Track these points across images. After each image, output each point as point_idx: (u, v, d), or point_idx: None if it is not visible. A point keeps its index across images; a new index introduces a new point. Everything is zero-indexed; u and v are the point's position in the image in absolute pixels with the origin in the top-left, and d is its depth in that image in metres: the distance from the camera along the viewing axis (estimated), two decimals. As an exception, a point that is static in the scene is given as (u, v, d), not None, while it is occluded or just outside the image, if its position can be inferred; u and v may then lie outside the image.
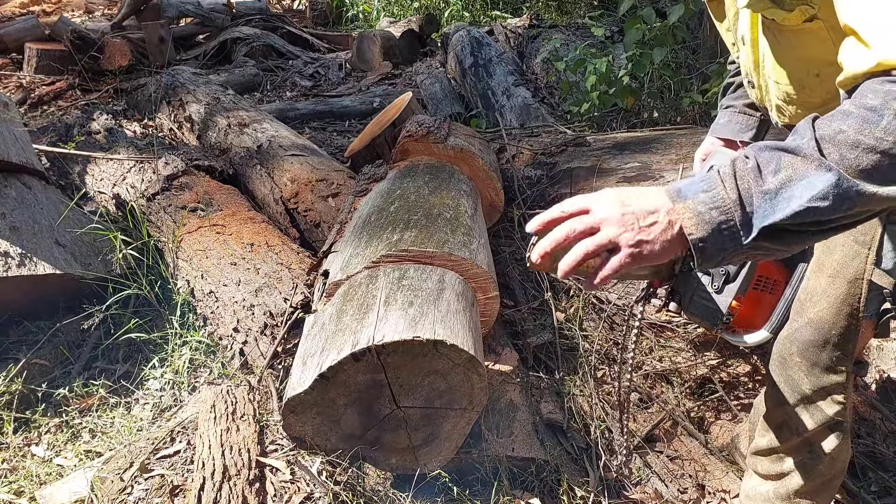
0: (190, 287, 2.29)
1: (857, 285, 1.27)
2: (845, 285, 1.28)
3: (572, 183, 2.67)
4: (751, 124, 1.58)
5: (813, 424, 1.40)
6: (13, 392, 2.04)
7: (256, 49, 6.24)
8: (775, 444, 1.49)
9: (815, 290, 1.34)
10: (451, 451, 1.65)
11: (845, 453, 1.45)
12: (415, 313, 1.56)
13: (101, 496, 1.63)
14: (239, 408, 1.78)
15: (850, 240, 1.27)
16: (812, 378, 1.37)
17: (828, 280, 1.31)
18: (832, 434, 1.41)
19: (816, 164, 0.83)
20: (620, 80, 3.79)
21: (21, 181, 2.56)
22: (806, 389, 1.38)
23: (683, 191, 0.91)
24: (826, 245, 1.33)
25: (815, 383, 1.37)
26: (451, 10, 7.55)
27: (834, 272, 1.30)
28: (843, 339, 1.31)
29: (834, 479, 1.48)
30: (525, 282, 2.41)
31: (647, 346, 2.22)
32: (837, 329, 1.31)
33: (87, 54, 5.39)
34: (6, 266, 2.15)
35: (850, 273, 1.27)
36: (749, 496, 1.59)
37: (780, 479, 1.51)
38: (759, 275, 1.47)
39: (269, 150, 3.06)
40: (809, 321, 1.34)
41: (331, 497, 1.55)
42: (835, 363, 1.34)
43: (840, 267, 1.29)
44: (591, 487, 1.75)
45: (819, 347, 1.34)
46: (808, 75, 1.20)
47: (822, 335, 1.33)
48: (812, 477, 1.45)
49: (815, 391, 1.38)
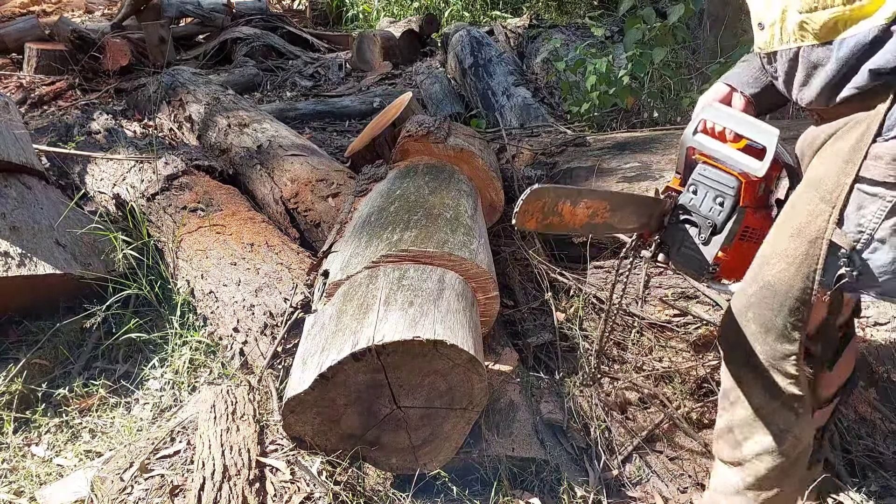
0: (190, 287, 2.29)
1: (816, 245, 1.25)
2: (805, 244, 1.27)
3: (572, 183, 2.67)
4: (760, 81, 1.53)
5: (767, 397, 1.38)
6: (13, 392, 2.04)
7: (256, 49, 6.24)
8: (732, 422, 1.47)
9: (774, 252, 1.32)
10: (451, 451, 1.65)
11: (805, 429, 1.42)
12: (415, 313, 1.56)
13: (101, 496, 1.63)
14: (239, 408, 1.78)
15: (817, 198, 1.26)
16: (766, 347, 1.35)
17: (788, 240, 1.29)
18: (786, 409, 1.38)
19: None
20: (620, 80, 3.79)
21: (21, 181, 2.56)
22: (760, 359, 1.36)
23: None
24: (791, 204, 1.32)
25: (767, 352, 1.35)
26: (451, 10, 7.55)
27: (795, 231, 1.28)
28: (798, 303, 1.29)
29: (798, 460, 1.45)
30: (525, 282, 2.41)
31: (647, 347, 2.22)
32: (794, 292, 1.29)
33: (87, 54, 5.40)
34: (6, 266, 2.15)
35: (812, 232, 1.26)
36: (717, 489, 1.57)
37: (743, 466, 1.48)
38: (745, 226, 1.47)
39: (269, 150, 3.06)
40: (766, 283, 1.32)
41: (331, 497, 1.55)
42: (789, 330, 1.32)
43: (802, 225, 1.28)
44: (591, 487, 1.75)
45: (774, 311, 1.32)
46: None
47: (777, 298, 1.31)
48: (775, 460, 1.42)
49: (767, 360, 1.36)
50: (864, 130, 1.21)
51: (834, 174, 1.23)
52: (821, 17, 1.23)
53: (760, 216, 1.49)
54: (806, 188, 1.29)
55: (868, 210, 1.21)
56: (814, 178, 1.28)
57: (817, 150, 1.34)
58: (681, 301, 2.36)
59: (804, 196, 1.28)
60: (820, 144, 1.33)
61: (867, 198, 1.21)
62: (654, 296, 2.39)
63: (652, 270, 2.44)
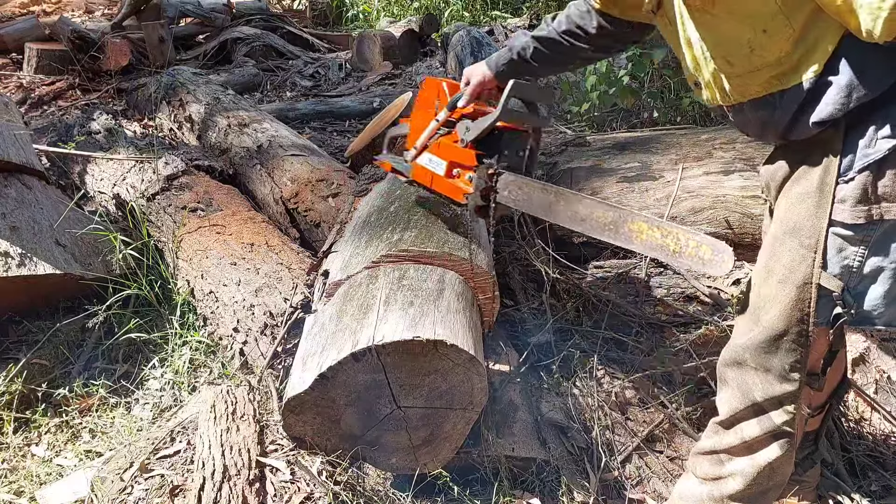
0: (190, 287, 2.29)
1: (805, 290, 1.26)
2: (794, 290, 1.28)
3: (572, 183, 2.67)
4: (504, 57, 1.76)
5: (759, 432, 1.40)
6: (13, 392, 2.04)
7: (256, 49, 6.24)
8: (718, 447, 1.49)
9: (767, 296, 1.33)
10: (451, 451, 1.65)
11: (786, 466, 1.44)
12: (415, 313, 1.56)
13: (101, 496, 1.63)
14: (239, 408, 1.78)
15: (796, 244, 1.27)
16: (765, 385, 1.36)
17: (777, 286, 1.30)
18: (776, 443, 1.40)
19: None
20: (620, 80, 3.79)
21: (21, 181, 2.56)
22: (757, 396, 1.38)
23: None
24: (773, 250, 1.32)
25: (767, 391, 1.36)
26: (451, 10, 7.55)
27: (783, 277, 1.29)
28: (796, 345, 1.31)
29: (770, 491, 1.47)
30: (525, 282, 2.41)
31: (647, 347, 2.22)
32: (790, 335, 1.30)
33: (87, 54, 5.39)
34: (6, 266, 2.15)
35: (799, 278, 1.27)
36: (682, 496, 1.58)
37: (716, 482, 1.50)
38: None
39: (269, 150, 3.06)
40: (763, 327, 1.34)
41: (331, 497, 1.55)
42: (787, 371, 1.33)
43: (788, 272, 1.28)
44: (592, 487, 1.75)
45: (771, 354, 1.33)
46: (756, 33, 1.19)
47: (774, 341, 1.33)
48: (749, 484, 1.44)
49: (766, 399, 1.37)
50: (822, 175, 1.22)
51: (809, 220, 1.24)
52: (755, 79, 1.26)
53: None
54: (785, 234, 1.30)
55: (849, 251, 1.22)
56: (789, 224, 1.29)
57: (780, 187, 1.35)
58: (681, 301, 2.36)
59: (786, 243, 1.29)
60: (781, 180, 1.34)
61: (844, 242, 1.22)
62: (654, 296, 2.39)
63: (652, 270, 2.44)
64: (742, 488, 1.45)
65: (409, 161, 1.88)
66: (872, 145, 1.15)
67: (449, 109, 1.76)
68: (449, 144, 1.77)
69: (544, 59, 1.74)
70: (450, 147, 1.77)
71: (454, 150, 1.76)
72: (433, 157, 1.80)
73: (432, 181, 1.82)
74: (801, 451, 1.65)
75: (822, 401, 1.59)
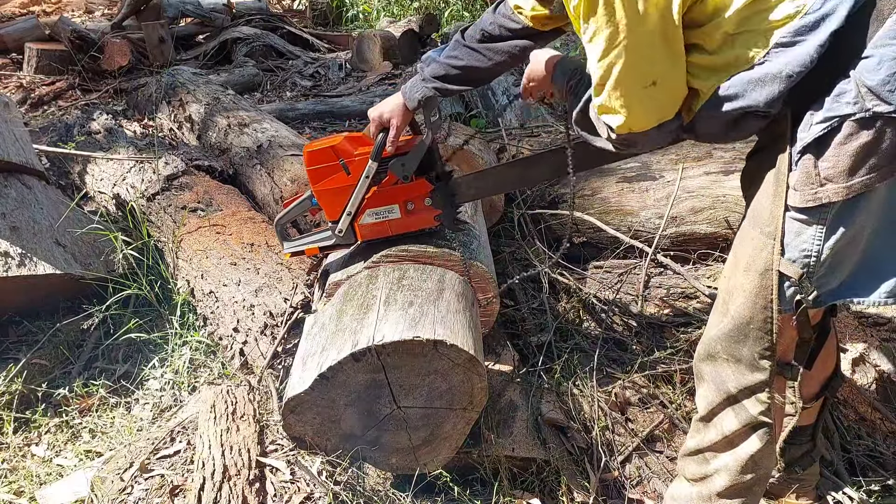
0: (190, 287, 2.29)
1: (767, 276, 1.29)
2: (757, 278, 1.31)
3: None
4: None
5: (737, 424, 1.42)
6: (13, 392, 2.04)
7: (256, 49, 6.23)
8: (702, 445, 1.51)
9: (735, 286, 1.37)
10: (451, 451, 1.65)
11: (768, 458, 1.46)
12: (415, 313, 1.56)
13: (101, 496, 1.63)
14: (239, 408, 1.78)
15: (757, 232, 1.30)
16: (737, 375, 1.39)
17: (743, 275, 1.34)
18: (754, 435, 1.42)
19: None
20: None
21: (21, 181, 2.56)
22: (731, 387, 1.41)
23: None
24: (740, 241, 1.37)
25: (739, 381, 1.39)
26: (451, 10, 7.55)
27: (746, 266, 1.33)
28: (762, 332, 1.33)
29: (755, 484, 1.49)
30: (525, 282, 2.41)
31: (647, 347, 2.22)
32: (755, 323, 1.33)
33: (87, 54, 5.39)
34: (6, 266, 2.15)
35: (760, 265, 1.30)
36: (673, 497, 1.62)
37: (703, 481, 1.53)
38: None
39: (269, 150, 3.06)
40: (731, 317, 1.37)
41: (331, 497, 1.55)
42: (756, 359, 1.36)
43: (751, 260, 1.32)
44: (591, 487, 1.75)
45: (741, 343, 1.36)
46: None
47: (741, 330, 1.36)
48: (734, 479, 1.47)
49: (739, 390, 1.40)
50: (778, 164, 1.26)
51: (767, 207, 1.28)
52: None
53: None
54: (748, 222, 1.35)
55: (807, 235, 1.25)
56: (752, 214, 1.34)
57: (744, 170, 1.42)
58: (681, 301, 2.36)
59: (748, 231, 1.34)
60: (749, 175, 1.39)
61: (802, 225, 1.25)
62: (654, 296, 2.39)
63: (652, 270, 2.44)
64: (728, 484, 1.47)
65: (341, 231, 1.82)
66: (806, 129, 1.20)
67: (375, 160, 1.73)
68: (390, 189, 1.77)
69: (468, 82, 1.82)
70: (394, 190, 1.77)
71: (402, 190, 1.77)
72: (379, 209, 1.79)
73: (390, 228, 1.81)
74: (799, 448, 1.66)
75: (814, 391, 1.59)
